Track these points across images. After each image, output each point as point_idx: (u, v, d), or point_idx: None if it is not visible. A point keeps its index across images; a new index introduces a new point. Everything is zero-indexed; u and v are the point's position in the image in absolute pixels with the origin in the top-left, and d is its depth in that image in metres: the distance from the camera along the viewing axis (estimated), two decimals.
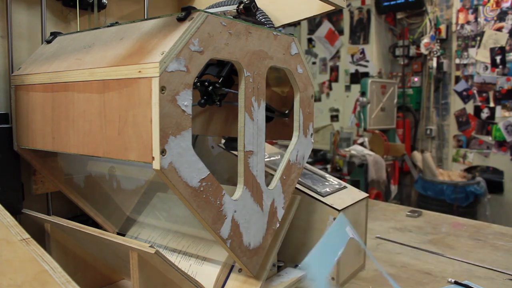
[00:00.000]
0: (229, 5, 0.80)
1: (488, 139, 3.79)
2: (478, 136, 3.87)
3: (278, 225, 0.72)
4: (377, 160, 3.42)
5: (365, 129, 3.85)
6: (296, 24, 4.67)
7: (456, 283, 0.89)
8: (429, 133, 4.24)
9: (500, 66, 3.66)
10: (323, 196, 0.89)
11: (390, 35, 4.54)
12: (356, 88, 4.36)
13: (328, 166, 3.63)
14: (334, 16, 4.62)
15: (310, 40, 4.90)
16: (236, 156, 0.64)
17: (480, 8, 3.75)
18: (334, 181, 1.00)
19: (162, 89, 0.48)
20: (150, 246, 0.55)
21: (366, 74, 4.33)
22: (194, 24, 0.52)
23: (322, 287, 0.70)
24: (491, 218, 3.20)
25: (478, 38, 3.78)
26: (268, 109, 0.74)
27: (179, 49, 0.50)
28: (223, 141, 1.06)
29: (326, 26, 4.71)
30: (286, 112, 0.87)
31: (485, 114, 3.80)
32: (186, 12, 0.53)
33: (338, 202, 0.88)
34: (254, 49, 0.61)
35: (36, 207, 0.77)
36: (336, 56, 4.72)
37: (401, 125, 4.34)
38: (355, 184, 3.05)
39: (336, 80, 4.74)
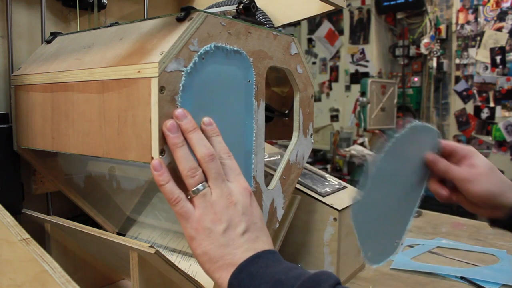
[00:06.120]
0: (229, 5, 0.80)
1: (488, 139, 3.79)
2: (478, 136, 3.87)
3: (277, 225, 0.72)
4: None
5: (365, 129, 3.84)
6: (296, 24, 4.67)
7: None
8: None
9: (500, 66, 3.65)
10: (323, 196, 0.89)
11: (390, 35, 4.54)
12: (356, 88, 4.36)
13: (328, 166, 3.63)
14: (334, 16, 4.62)
15: (310, 40, 4.90)
16: None
17: (480, 8, 3.75)
18: (334, 181, 1.00)
19: (161, 89, 0.48)
20: (150, 246, 0.55)
21: (366, 74, 4.33)
22: (193, 24, 0.52)
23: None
24: None
25: (478, 38, 3.78)
26: (268, 109, 0.74)
27: (179, 49, 0.50)
28: None
29: (326, 26, 4.71)
30: (286, 112, 0.87)
31: (485, 114, 3.80)
32: (186, 12, 0.53)
33: (338, 202, 0.88)
34: (254, 49, 0.61)
35: (36, 207, 0.77)
36: (336, 56, 4.72)
37: (401, 125, 4.34)
38: (355, 184, 3.04)
39: (336, 80, 4.74)
